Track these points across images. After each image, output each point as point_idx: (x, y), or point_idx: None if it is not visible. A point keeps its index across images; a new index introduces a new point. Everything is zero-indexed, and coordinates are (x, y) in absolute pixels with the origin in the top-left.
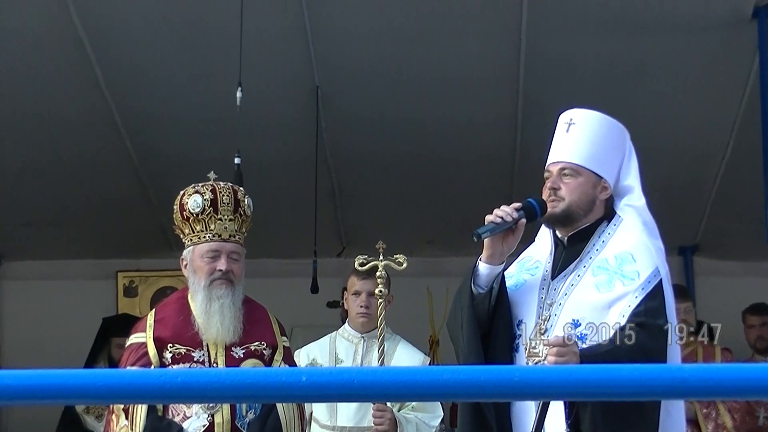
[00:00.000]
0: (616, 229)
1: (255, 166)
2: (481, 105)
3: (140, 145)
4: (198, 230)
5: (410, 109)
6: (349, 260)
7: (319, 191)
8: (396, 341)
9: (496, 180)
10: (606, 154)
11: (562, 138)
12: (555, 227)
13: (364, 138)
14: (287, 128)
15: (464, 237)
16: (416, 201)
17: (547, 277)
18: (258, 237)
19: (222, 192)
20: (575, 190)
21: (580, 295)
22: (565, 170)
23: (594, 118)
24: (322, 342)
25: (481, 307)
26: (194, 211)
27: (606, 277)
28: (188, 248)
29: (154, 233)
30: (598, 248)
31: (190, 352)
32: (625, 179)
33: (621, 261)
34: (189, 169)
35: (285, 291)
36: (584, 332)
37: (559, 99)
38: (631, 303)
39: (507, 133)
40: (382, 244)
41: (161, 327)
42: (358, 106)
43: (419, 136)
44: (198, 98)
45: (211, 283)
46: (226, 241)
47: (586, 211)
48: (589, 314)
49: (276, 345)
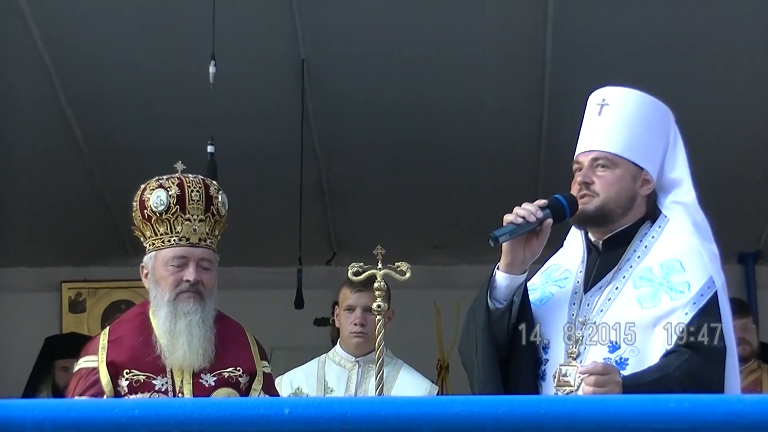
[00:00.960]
0: (661, 231)
1: (231, 156)
2: (499, 85)
3: (91, 132)
4: (161, 233)
5: (414, 89)
6: (340, 269)
7: (305, 186)
8: (397, 366)
9: (516, 173)
10: (647, 141)
11: (593, 122)
12: (587, 229)
13: (359, 123)
14: (268, 111)
15: (478, 241)
16: (421, 198)
17: (578, 290)
18: (232, 241)
19: (191, 187)
20: (611, 185)
21: (619, 311)
22: (598, 161)
23: (631, 97)
24: (308, 367)
25: (499, 326)
26: (157, 210)
27: (650, 290)
28: (149, 254)
29: (107, 236)
30: (639, 254)
31: (150, 379)
32: (671, 170)
33: (668, 270)
34: (151, 160)
35: (263, 305)
36: (624, 357)
37: (593, 78)
38: (681, 321)
39: (530, 118)
40: (381, 249)
41: (116, 349)
42: (352, 85)
43: (425, 122)
44: (162, 75)
45: (176, 296)
46: (195, 245)
47: (625, 209)
48: (631, 334)
49: (254, 371)
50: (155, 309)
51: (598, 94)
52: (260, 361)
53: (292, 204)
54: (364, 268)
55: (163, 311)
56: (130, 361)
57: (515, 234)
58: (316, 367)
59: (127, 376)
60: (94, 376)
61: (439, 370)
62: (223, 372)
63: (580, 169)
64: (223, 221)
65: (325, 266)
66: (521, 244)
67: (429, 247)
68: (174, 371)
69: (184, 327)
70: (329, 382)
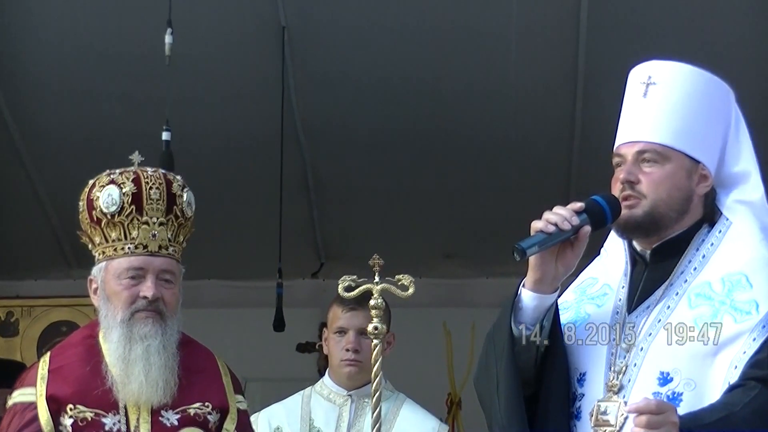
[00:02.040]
0: (722, 237)
1: (192, 144)
2: (524, 64)
3: (23, 117)
4: (113, 238)
5: (420, 65)
6: (329, 282)
7: (286, 181)
8: (399, 402)
9: (545, 168)
10: (704, 127)
11: (638, 105)
12: (633, 238)
13: (352, 104)
14: (240, 89)
15: (499, 250)
16: (428, 196)
17: (621, 310)
18: (199, 249)
19: (149, 183)
20: (662, 183)
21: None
22: (645, 154)
23: (683, 73)
24: (290, 403)
25: (525, 356)
26: (108, 211)
27: (709, 310)
28: (99, 264)
29: (44, 243)
30: (696, 266)
31: (99, 417)
32: (734, 163)
33: (731, 286)
34: (96, 150)
35: (236, 327)
36: (678, 391)
37: (635, 51)
38: (747, 349)
39: (562, 102)
40: (378, 259)
41: (58, 380)
42: (342, 58)
43: (433, 104)
44: (107, 46)
45: (131, 315)
46: (155, 254)
47: (679, 212)
48: (686, 364)
49: (226, 407)
50: (106, 331)
51: (642, 70)
52: (234, 396)
53: (271, 204)
54: (357, 282)
55: (114, 334)
56: (75, 395)
57: (546, 245)
58: (300, 403)
59: (72, 412)
60: (32, 413)
61: (449, 406)
62: (188, 408)
63: (622, 163)
64: (189, 225)
65: (310, 280)
66: (552, 257)
67: (438, 256)
68: (128, 407)
69: (141, 353)
70: (315, 421)
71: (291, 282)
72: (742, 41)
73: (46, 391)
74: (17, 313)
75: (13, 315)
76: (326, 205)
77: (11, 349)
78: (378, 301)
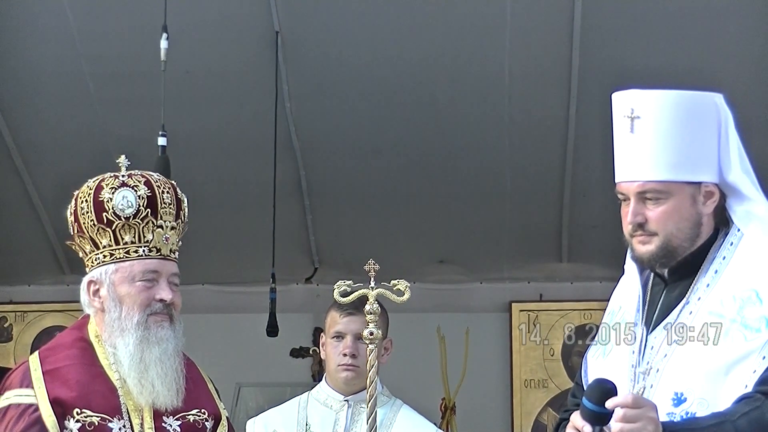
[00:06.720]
0: (734, 250)
1: (186, 149)
2: (516, 62)
3: (17, 123)
4: (127, 241)
5: (413, 70)
6: (323, 288)
7: (279, 185)
8: (396, 407)
9: (539, 170)
10: (698, 148)
11: (627, 141)
12: (655, 270)
13: (346, 109)
14: (233, 93)
15: (492, 255)
16: (423, 201)
17: (641, 333)
18: (191, 254)
19: (161, 187)
20: (669, 219)
21: (686, 355)
22: (646, 193)
23: (663, 102)
24: (286, 408)
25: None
26: (124, 214)
27: (721, 328)
28: (104, 266)
29: (38, 249)
30: (709, 283)
31: (105, 422)
32: (728, 171)
33: (742, 303)
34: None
35: (229, 333)
36: (692, 411)
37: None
38: (757, 368)
39: (556, 102)
40: (374, 264)
41: (58, 382)
42: (337, 62)
43: (426, 108)
44: (102, 51)
45: (147, 318)
46: (166, 258)
47: (692, 238)
48: (699, 384)
49: (218, 415)
50: (112, 333)
51: (624, 102)
52: (220, 403)
53: (264, 209)
54: (352, 288)
55: (130, 337)
56: (80, 398)
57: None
58: (296, 409)
59: (78, 417)
60: (35, 415)
61: (443, 411)
62: (187, 415)
63: (624, 200)
64: (185, 230)
65: (304, 284)
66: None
67: (432, 261)
68: (130, 411)
69: (158, 356)
70: (312, 426)
71: (285, 287)
72: (734, 40)
73: (49, 394)
74: (10, 318)
75: (7, 320)
76: (320, 210)
77: (5, 355)
78: (373, 306)
